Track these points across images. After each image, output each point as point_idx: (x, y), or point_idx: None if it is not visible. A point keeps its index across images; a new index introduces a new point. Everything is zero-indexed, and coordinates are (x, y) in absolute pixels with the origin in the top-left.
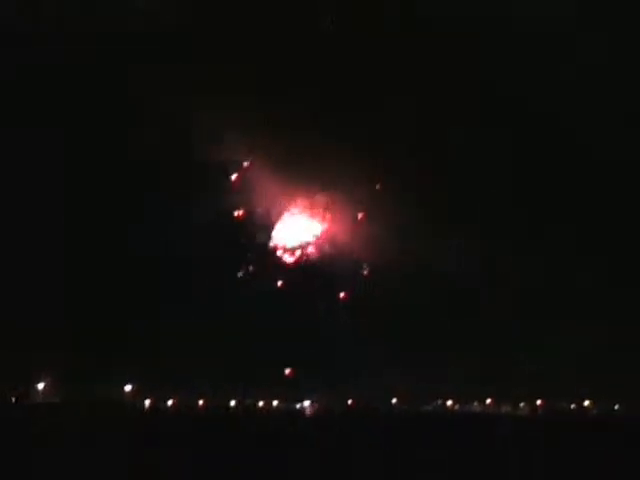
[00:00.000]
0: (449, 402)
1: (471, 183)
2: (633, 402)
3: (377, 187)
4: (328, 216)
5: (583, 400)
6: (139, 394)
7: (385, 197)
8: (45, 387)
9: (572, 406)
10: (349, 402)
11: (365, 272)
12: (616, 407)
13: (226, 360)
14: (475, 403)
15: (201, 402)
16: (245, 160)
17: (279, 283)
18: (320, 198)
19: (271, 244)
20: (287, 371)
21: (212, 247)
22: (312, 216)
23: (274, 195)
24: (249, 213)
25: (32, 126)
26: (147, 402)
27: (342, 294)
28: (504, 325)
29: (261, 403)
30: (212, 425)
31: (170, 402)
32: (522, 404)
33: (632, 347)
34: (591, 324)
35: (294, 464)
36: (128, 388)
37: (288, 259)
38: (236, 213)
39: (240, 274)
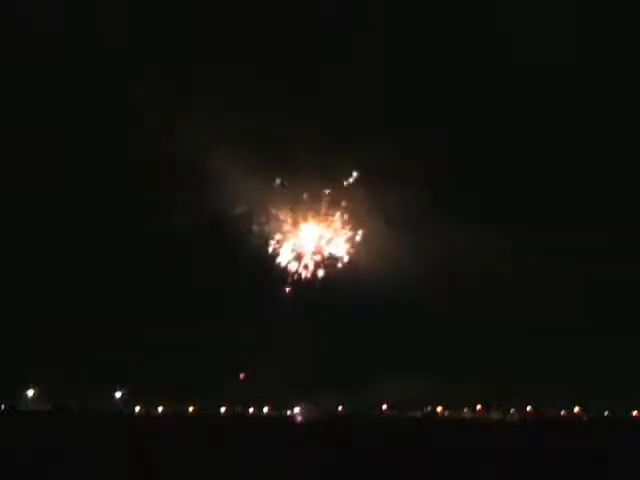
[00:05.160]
0: (439, 408)
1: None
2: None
3: None
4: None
5: (574, 406)
6: (129, 401)
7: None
8: (35, 395)
9: (562, 412)
10: (339, 408)
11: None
12: (606, 413)
13: (217, 367)
14: (465, 409)
15: (191, 409)
16: None
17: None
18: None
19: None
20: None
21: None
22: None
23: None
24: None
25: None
26: (137, 409)
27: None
28: (497, 333)
29: (251, 410)
30: (202, 431)
31: (160, 409)
32: (512, 410)
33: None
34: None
35: (285, 470)
36: (118, 395)
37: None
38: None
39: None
